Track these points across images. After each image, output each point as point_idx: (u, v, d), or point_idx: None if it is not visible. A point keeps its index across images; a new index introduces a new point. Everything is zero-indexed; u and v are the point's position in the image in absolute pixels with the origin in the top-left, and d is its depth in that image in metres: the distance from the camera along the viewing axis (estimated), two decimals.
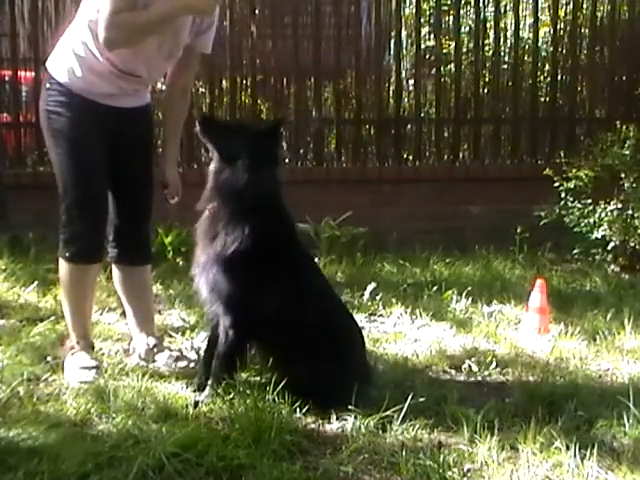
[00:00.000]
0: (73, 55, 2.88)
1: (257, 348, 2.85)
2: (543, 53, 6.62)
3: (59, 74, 2.90)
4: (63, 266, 3.00)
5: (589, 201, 5.27)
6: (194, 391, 2.79)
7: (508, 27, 6.46)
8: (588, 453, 2.32)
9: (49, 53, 3.01)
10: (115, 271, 3.21)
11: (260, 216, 2.71)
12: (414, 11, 6.32)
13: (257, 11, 6.19)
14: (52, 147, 2.94)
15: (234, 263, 2.68)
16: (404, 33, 6.38)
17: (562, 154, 6.20)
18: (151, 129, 3.23)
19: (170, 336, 3.50)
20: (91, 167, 2.92)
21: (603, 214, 5.16)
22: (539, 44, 6.52)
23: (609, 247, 5.20)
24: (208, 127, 2.84)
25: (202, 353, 2.99)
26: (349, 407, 2.60)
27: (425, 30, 6.50)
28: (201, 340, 3.39)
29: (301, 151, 6.28)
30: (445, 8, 6.55)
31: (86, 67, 2.87)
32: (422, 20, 6.38)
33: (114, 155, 2.97)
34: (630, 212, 5.10)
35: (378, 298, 4.13)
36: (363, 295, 4.18)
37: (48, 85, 2.93)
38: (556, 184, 5.36)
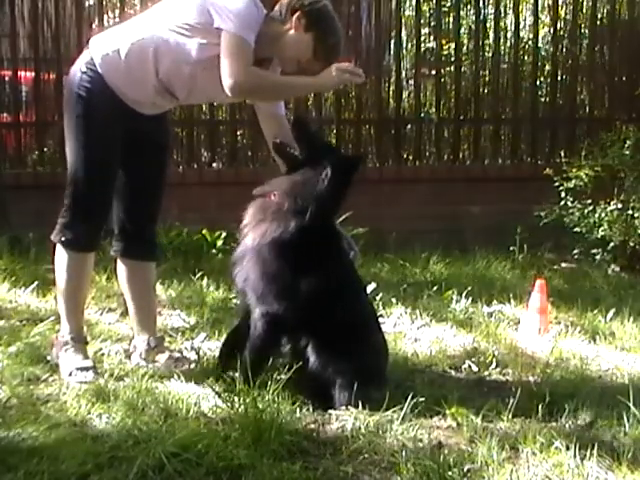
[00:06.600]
0: (125, 54, 2.84)
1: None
2: (543, 53, 6.62)
3: (101, 62, 2.86)
4: (58, 251, 3.01)
5: (589, 201, 5.27)
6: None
7: (508, 27, 6.47)
8: (588, 453, 2.31)
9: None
10: (120, 266, 3.19)
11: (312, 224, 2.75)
12: (414, 11, 6.32)
13: None
14: (72, 131, 2.93)
15: (275, 251, 2.72)
16: (404, 33, 6.38)
17: (562, 154, 6.19)
18: (168, 133, 3.24)
19: (170, 336, 3.50)
20: (106, 159, 2.94)
21: (603, 214, 5.16)
22: (539, 44, 6.52)
23: (609, 247, 5.21)
24: (302, 130, 2.90)
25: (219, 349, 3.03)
26: (349, 407, 2.60)
27: (425, 31, 6.50)
28: (201, 340, 3.40)
29: None
30: (445, 8, 6.55)
31: (132, 70, 2.85)
32: (422, 20, 6.38)
33: (130, 155, 2.97)
34: (630, 212, 5.11)
35: (378, 298, 4.12)
36: None
37: (85, 69, 2.88)
38: (556, 184, 5.37)
